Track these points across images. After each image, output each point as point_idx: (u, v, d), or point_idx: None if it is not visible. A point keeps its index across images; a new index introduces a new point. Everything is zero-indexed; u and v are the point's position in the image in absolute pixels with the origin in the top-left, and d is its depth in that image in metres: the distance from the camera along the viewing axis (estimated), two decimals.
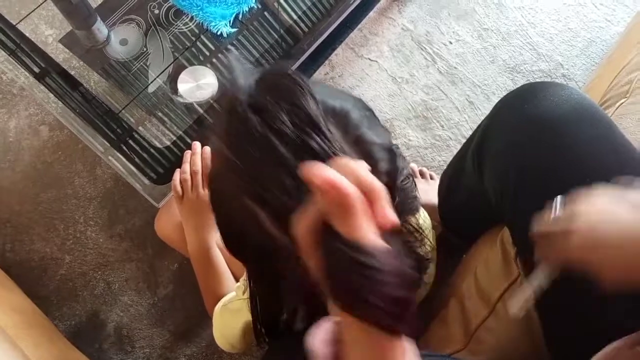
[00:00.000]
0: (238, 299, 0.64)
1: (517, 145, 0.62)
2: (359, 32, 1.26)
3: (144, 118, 0.82)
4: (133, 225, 1.12)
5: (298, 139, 0.40)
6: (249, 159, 0.41)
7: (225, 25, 0.84)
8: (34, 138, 1.18)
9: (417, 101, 1.21)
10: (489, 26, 1.28)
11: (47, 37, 0.89)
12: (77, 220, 1.13)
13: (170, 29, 0.87)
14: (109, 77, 0.85)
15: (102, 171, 1.15)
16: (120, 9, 0.89)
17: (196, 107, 0.82)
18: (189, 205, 0.76)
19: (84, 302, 1.08)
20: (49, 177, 1.15)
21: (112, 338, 1.06)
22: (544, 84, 0.65)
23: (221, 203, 0.46)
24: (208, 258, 0.78)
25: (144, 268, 1.09)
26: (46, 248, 1.11)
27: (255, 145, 0.40)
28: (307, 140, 0.39)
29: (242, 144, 0.41)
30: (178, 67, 0.84)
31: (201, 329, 1.05)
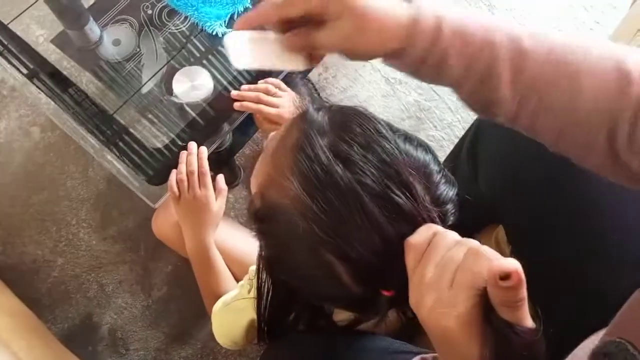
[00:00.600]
0: (242, 297, 0.64)
1: (510, 144, 0.63)
2: None
3: (137, 118, 0.82)
4: (126, 227, 1.11)
5: (385, 195, 0.39)
6: (333, 211, 0.39)
7: (221, 26, 0.84)
8: (25, 139, 1.17)
9: (411, 102, 1.22)
10: None
11: (38, 37, 0.89)
12: (70, 222, 1.12)
13: (164, 30, 0.87)
14: (101, 78, 0.84)
15: (94, 173, 1.14)
16: (113, 9, 0.88)
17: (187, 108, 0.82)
18: (185, 206, 0.76)
19: (77, 305, 1.07)
20: (41, 178, 1.14)
21: (106, 340, 1.05)
22: None
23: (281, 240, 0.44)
24: (207, 257, 0.78)
25: (137, 270, 1.09)
26: (38, 250, 1.10)
27: (341, 197, 0.39)
28: (394, 197, 0.39)
29: (325, 194, 0.39)
30: (171, 68, 0.84)
31: (196, 330, 1.05)
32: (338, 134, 0.41)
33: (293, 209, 0.40)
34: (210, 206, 0.77)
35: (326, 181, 0.39)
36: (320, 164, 0.39)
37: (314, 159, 0.40)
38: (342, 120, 0.43)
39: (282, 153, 0.43)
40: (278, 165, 0.43)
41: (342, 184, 0.38)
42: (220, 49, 0.85)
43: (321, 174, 0.39)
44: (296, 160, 0.41)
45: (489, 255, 0.34)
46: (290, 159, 0.41)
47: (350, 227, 0.39)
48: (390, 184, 0.39)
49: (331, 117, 0.43)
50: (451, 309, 0.35)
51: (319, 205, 0.39)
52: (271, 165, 0.44)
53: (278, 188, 0.42)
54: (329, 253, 0.40)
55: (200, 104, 0.81)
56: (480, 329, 0.34)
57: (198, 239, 0.77)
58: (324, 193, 0.39)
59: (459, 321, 0.34)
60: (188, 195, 0.76)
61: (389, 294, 0.41)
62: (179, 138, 0.80)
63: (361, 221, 0.38)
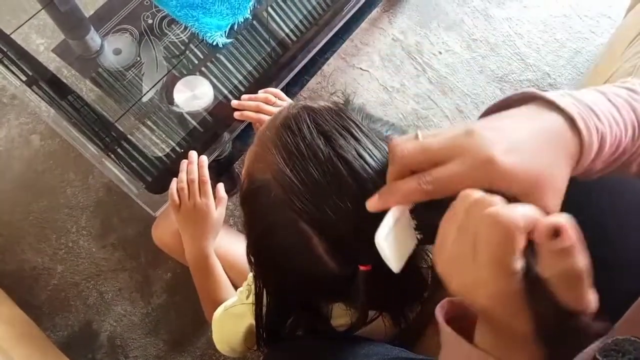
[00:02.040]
0: (241, 303, 0.65)
1: None
2: (350, 43, 1.28)
3: (137, 126, 0.82)
4: (126, 234, 1.11)
5: (361, 170, 0.41)
6: (311, 182, 0.41)
7: (221, 36, 0.85)
8: (25, 147, 1.18)
9: (408, 110, 1.23)
10: (478, 37, 1.31)
11: (39, 46, 0.89)
12: (70, 229, 1.12)
13: (164, 39, 0.88)
14: (101, 86, 0.85)
15: (94, 180, 1.15)
16: (114, 19, 0.89)
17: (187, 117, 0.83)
18: (186, 214, 0.77)
19: (76, 312, 1.07)
20: (41, 186, 1.15)
21: (106, 348, 1.05)
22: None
23: (264, 217, 0.46)
24: (206, 266, 0.78)
25: (137, 277, 1.09)
26: (38, 258, 1.10)
27: (320, 168, 0.41)
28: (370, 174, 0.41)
29: (305, 165, 0.41)
30: (171, 76, 0.84)
31: (195, 338, 1.05)
32: (323, 117, 0.44)
33: (274, 182, 0.43)
34: (210, 214, 0.77)
35: (307, 154, 0.41)
36: (303, 138, 0.42)
37: (298, 133, 0.42)
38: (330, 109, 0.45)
39: (268, 130, 0.45)
40: (263, 141, 0.45)
41: (322, 157, 0.41)
42: (220, 58, 0.86)
43: (303, 147, 0.41)
44: (280, 134, 0.43)
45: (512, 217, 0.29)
46: (275, 134, 0.44)
47: (326, 197, 0.41)
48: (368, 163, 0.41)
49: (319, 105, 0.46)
50: (479, 289, 0.31)
51: (299, 176, 0.41)
52: (258, 143, 0.46)
53: (262, 163, 0.44)
54: (305, 224, 0.42)
55: (201, 112, 0.82)
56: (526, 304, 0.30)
57: (198, 247, 0.78)
58: (305, 165, 0.41)
59: (494, 300, 0.30)
60: (188, 203, 0.76)
61: (366, 268, 0.42)
62: (179, 146, 0.81)
63: (338, 192, 0.40)
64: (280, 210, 0.42)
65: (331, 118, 0.43)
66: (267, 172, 0.44)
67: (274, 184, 0.43)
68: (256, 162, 0.46)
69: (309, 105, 0.45)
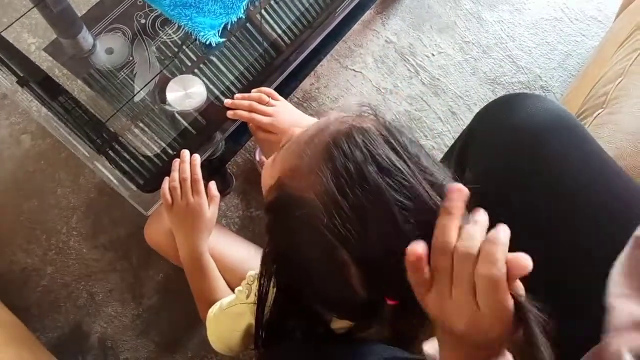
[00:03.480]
0: (240, 302, 0.64)
1: (498, 154, 0.64)
2: (343, 44, 1.28)
3: (129, 126, 0.82)
4: (117, 235, 1.11)
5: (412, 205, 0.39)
6: (359, 211, 0.39)
7: (214, 35, 0.85)
8: (16, 147, 1.17)
9: (401, 111, 1.23)
10: (470, 39, 1.32)
11: (30, 46, 0.89)
12: (60, 230, 1.11)
13: (157, 39, 0.87)
14: (93, 86, 0.84)
15: (85, 180, 1.14)
16: (106, 18, 0.89)
17: (179, 117, 0.82)
18: (178, 213, 0.76)
19: (66, 314, 1.06)
20: (31, 186, 1.14)
21: (96, 350, 1.04)
22: (523, 95, 0.67)
23: (296, 232, 0.43)
24: (200, 265, 0.78)
25: (128, 278, 1.08)
26: (27, 259, 1.09)
27: (369, 198, 0.39)
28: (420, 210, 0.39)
29: (354, 191, 0.39)
30: (164, 76, 0.84)
31: (187, 339, 1.04)
32: (375, 141, 0.41)
33: (317, 203, 0.40)
34: (203, 213, 0.77)
35: (358, 179, 0.39)
36: (355, 162, 0.40)
37: (350, 156, 0.40)
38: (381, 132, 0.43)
39: (315, 146, 0.43)
40: (309, 157, 0.42)
41: (372, 185, 0.39)
42: (213, 59, 0.86)
43: (354, 172, 0.39)
44: (331, 154, 0.41)
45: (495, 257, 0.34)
46: (324, 152, 0.41)
47: (373, 228, 0.39)
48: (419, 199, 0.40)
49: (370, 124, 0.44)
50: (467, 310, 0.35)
51: (346, 201, 0.39)
52: (299, 157, 0.43)
53: (303, 180, 0.42)
54: (345, 252, 0.40)
55: (193, 112, 0.82)
56: None
57: (192, 245, 0.77)
58: (353, 191, 0.39)
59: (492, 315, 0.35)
60: (181, 202, 0.76)
61: (393, 302, 0.41)
62: (171, 146, 0.81)
63: (385, 225, 0.39)
64: (320, 233, 0.40)
65: (383, 143, 0.41)
66: (309, 190, 0.41)
67: (317, 204, 0.40)
68: (296, 176, 0.43)
69: (359, 125, 0.42)
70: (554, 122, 0.63)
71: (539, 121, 0.63)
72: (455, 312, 0.36)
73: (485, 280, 0.34)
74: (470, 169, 0.69)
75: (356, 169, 0.39)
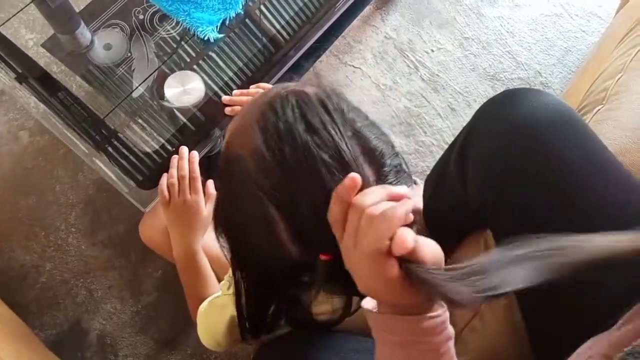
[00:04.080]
0: (223, 294, 0.64)
1: (498, 150, 0.64)
2: (342, 40, 1.28)
3: (127, 123, 0.82)
4: (116, 232, 1.10)
5: (337, 164, 0.40)
6: (285, 167, 0.41)
7: (213, 31, 0.85)
8: (14, 144, 1.16)
9: (401, 108, 1.23)
10: (470, 35, 1.31)
11: (28, 41, 0.88)
12: (59, 227, 1.11)
13: (155, 34, 0.87)
14: (91, 82, 0.84)
15: (84, 177, 1.14)
16: (104, 14, 0.88)
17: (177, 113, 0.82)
18: (175, 210, 0.76)
19: (65, 311, 1.06)
20: (29, 183, 1.13)
21: (95, 347, 1.04)
22: (524, 90, 0.67)
23: (234, 189, 0.45)
24: (194, 263, 0.78)
25: (127, 275, 1.08)
26: (26, 256, 1.09)
27: (296, 154, 0.40)
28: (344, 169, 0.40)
29: (282, 148, 0.41)
30: (162, 72, 0.84)
31: (186, 336, 1.04)
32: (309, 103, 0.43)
33: (250, 160, 0.42)
34: (200, 211, 0.77)
35: (286, 137, 0.41)
36: (285, 121, 0.41)
37: (281, 115, 0.42)
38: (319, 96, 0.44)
39: (252, 108, 0.45)
40: (247, 117, 0.45)
41: (299, 143, 0.40)
42: (212, 54, 0.85)
43: (283, 130, 0.41)
44: (264, 113, 0.43)
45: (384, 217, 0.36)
46: (259, 111, 0.44)
47: (298, 184, 0.41)
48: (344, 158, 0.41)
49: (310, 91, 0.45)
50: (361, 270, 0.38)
51: (274, 159, 0.41)
52: (241, 118, 0.46)
53: (240, 139, 0.44)
54: (273, 207, 0.42)
55: (191, 108, 0.81)
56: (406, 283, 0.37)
57: (186, 243, 0.77)
58: (281, 147, 0.41)
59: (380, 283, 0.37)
60: (178, 199, 0.76)
61: (326, 257, 0.43)
62: (169, 143, 0.80)
63: (309, 181, 0.40)
64: (250, 188, 0.42)
65: (317, 105, 0.43)
66: (244, 147, 0.43)
67: (248, 160, 0.42)
68: (235, 135, 0.46)
69: (298, 89, 0.45)
70: (555, 117, 0.63)
71: (539, 117, 0.63)
72: (353, 270, 0.40)
73: (367, 251, 0.37)
74: (471, 165, 0.68)
75: (286, 127, 0.41)
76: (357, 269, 0.39)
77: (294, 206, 0.41)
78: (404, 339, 0.40)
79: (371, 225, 0.37)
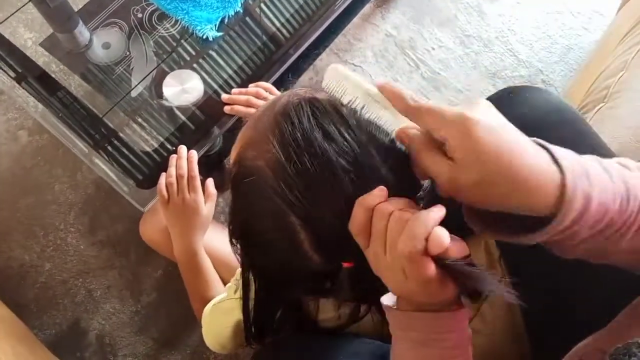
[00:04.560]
0: (229, 298, 0.64)
1: None
2: (343, 38, 1.27)
3: (126, 122, 0.81)
4: (115, 231, 1.10)
5: (356, 170, 0.40)
6: (306, 176, 0.40)
7: (211, 29, 0.84)
8: (13, 143, 1.16)
9: None
10: (471, 33, 1.31)
11: (27, 41, 0.88)
12: (58, 226, 1.10)
13: (154, 33, 0.86)
14: (90, 81, 0.83)
15: (83, 177, 1.13)
16: (103, 13, 0.88)
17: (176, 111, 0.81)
18: (174, 210, 0.76)
19: (64, 310, 1.06)
20: (28, 183, 1.13)
21: (94, 347, 1.04)
22: (524, 88, 0.67)
23: (251, 203, 0.45)
24: (195, 262, 0.77)
25: (126, 275, 1.08)
26: (25, 255, 1.09)
27: (315, 163, 0.40)
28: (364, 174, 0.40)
29: (301, 157, 0.40)
30: (161, 71, 0.83)
31: (185, 336, 1.04)
32: (324, 110, 0.43)
33: (267, 169, 0.42)
34: (199, 210, 0.76)
35: (304, 146, 0.40)
36: (303, 130, 0.41)
37: (297, 124, 0.41)
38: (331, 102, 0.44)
39: (266, 117, 0.44)
40: (260, 128, 0.44)
41: (319, 152, 0.40)
42: (211, 53, 0.85)
43: (301, 139, 0.41)
44: (279, 123, 0.42)
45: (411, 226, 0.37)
46: (273, 122, 0.43)
47: (319, 192, 0.40)
48: (364, 164, 0.41)
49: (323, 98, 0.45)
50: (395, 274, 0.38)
51: (294, 167, 0.40)
52: (253, 128, 0.45)
53: (256, 149, 0.44)
54: (294, 216, 0.41)
55: (190, 107, 0.81)
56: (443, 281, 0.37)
57: (186, 243, 0.77)
58: (300, 157, 0.40)
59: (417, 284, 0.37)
60: (177, 198, 0.75)
61: (348, 265, 0.43)
62: (168, 142, 0.80)
63: (331, 189, 0.40)
64: (270, 200, 0.42)
65: (331, 112, 0.42)
66: (260, 158, 0.43)
67: (267, 172, 0.42)
68: (250, 147, 0.45)
69: (309, 96, 0.44)
70: (557, 114, 0.63)
71: (540, 115, 0.63)
72: (385, 274, 0.39)
73: (404, 253, 0.36)
74: None
75: (303, 135, 0.41)
76: (390, 273, 0.39)
77: (316, 215, 0.41)
78: (425, 336, 0.40)
79: (405, 227, 0.37)
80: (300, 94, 0.45)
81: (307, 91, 0.46)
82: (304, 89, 0.46)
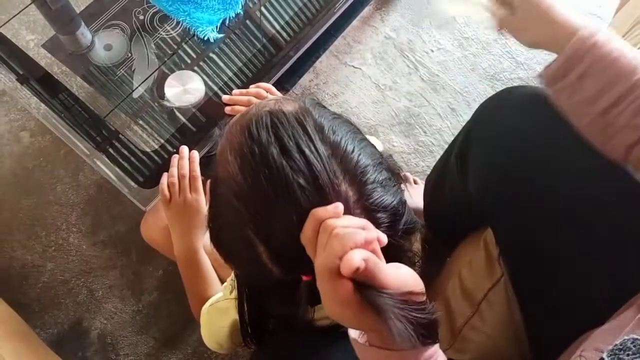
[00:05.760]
0: (225, 298, 0.65)
1: (499, 148, 0.64)
2: (342, 40, 1.28)
3: (128, 123, 0.82)
4: (117, 231, 1.11)
5: (312, 187, 0.40)
6: (260, 192, 0.40)
7: (212, 31, 0.85)
8: (15, 144, 1.17)
9: (401, 108, 1.23)
10: (469, 35, 1.32)
11: (29, 42, 0.89)
12: (60, 227, 1.11)
13: (155, 35, 0.87)
14: (92, 83, 0.84)
15: (85, 177, 1.14)
16: (105, 15, 0.89)
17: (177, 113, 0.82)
18: (176, 209, 0.76)
19: (66, 310, 1.06)
20: (30, 183, 1.14)
21: (96, 346, 1.04)
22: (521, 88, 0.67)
23: (219, 213, 0.45)
24: (195, 261, 0.78)
25: (128, 275, 1.08)
26: (27, 255, 1.09)
27: (270, 179, 0.40)
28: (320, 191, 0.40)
29: (257, 173, 0.40)
30: (162, 73, 0.84)
31: (186, 335, 1.04)
32: (285, 123, 0.42)
33: (230, 183, 0.42)
34: (200, 210, 0.77)
35: (260, 162, 0.40)
36: (260, 144, 0.41)
37: (256, 138, 0.41)
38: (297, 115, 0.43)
39: (234, 127, 0.44)
40: (228, 138, 0.44)
41: (273, 167, 0.40)
42: (212, 55, 0.86)
43: (257, 154, 0.40)
44: (239, 136, 0.42)
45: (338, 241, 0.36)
46: (238, 133, 0.43)
47: (272, 207, 0.40)
48: (319, 181, 0.40)
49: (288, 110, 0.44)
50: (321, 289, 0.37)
51: (249, 183, 0.40)
52: (225, 137, 0.45)
53: (222, 162, 0.44)
54: (251, 232, 0.41)
55: (192, 108, 0.82)
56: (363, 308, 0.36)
57: (187, 242, 0.77)
58: (256, 172, 0.40)
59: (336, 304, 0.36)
60: (179, 198, 0.76)
61: (307, 278, 0.43)
62: (169, 143, 0.81)
63: (285, 205, 0.40)
64: (231, 210, 0.42)
65: (294, 125, 0.42)
66: (224, 169, 0.43)
67: (229, 183, 0.42)
68: (219, 158, 0.45)
69: (274, 109, 0.43)
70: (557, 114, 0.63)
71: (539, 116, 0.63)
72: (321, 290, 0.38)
73: (319, 269, 0.37)
74: (471, 164, 0.69)
75: (260, 150, 0.40)
76: (321, 289, 0.38)
77: (270, 230, 0.41)
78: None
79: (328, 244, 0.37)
80: (270, 105, 0.44)
81: (277, 102, 0.45)
82: (275, 100, 0.46)
